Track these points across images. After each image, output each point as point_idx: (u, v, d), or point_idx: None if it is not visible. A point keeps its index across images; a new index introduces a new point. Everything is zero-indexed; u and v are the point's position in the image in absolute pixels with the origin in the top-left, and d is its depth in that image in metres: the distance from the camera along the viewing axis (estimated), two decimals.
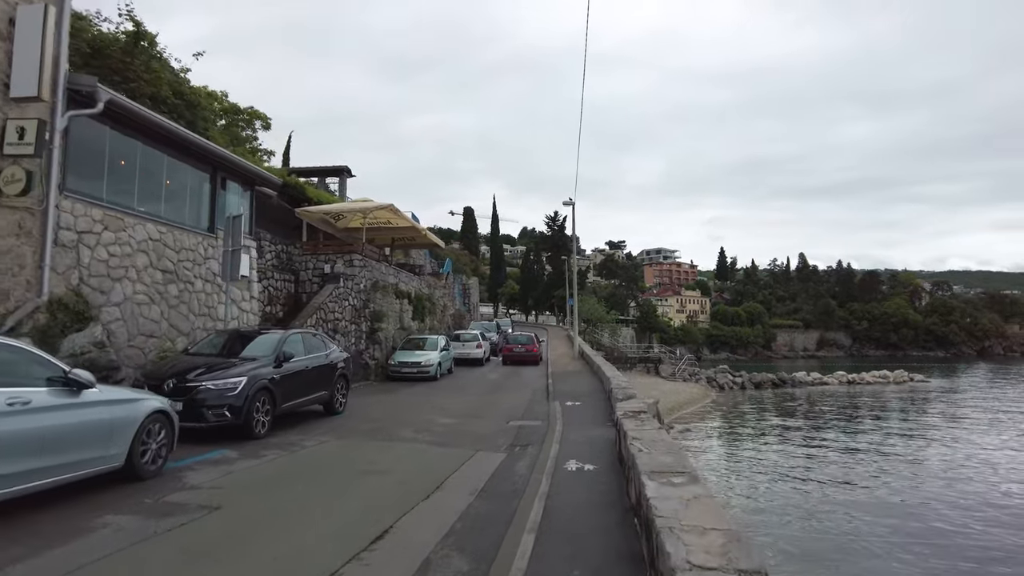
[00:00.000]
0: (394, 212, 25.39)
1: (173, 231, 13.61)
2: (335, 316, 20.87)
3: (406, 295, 28.31)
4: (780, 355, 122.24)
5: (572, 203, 31.70)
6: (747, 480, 20.03)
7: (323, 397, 12.85)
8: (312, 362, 12.30)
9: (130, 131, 12.26)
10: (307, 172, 39.45)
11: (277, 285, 20.73)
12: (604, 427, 11.69)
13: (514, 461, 9.08)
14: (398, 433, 11.30)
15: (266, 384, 10.54)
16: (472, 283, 59.99)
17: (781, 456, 24.24)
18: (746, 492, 18.34)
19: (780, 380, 56.62)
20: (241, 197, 16.50)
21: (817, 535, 14.65)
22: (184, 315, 13.81)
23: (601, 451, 9.36)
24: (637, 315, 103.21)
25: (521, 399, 17.14)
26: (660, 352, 59.30)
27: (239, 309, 15.79)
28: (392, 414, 13.85)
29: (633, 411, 8.83)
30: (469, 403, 16.29)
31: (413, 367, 22.24)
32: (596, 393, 17.22)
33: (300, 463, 8.67)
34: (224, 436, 9.91)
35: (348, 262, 22.75)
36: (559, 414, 13.59)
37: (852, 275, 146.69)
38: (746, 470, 21.56)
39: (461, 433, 11.48)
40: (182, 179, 14.22)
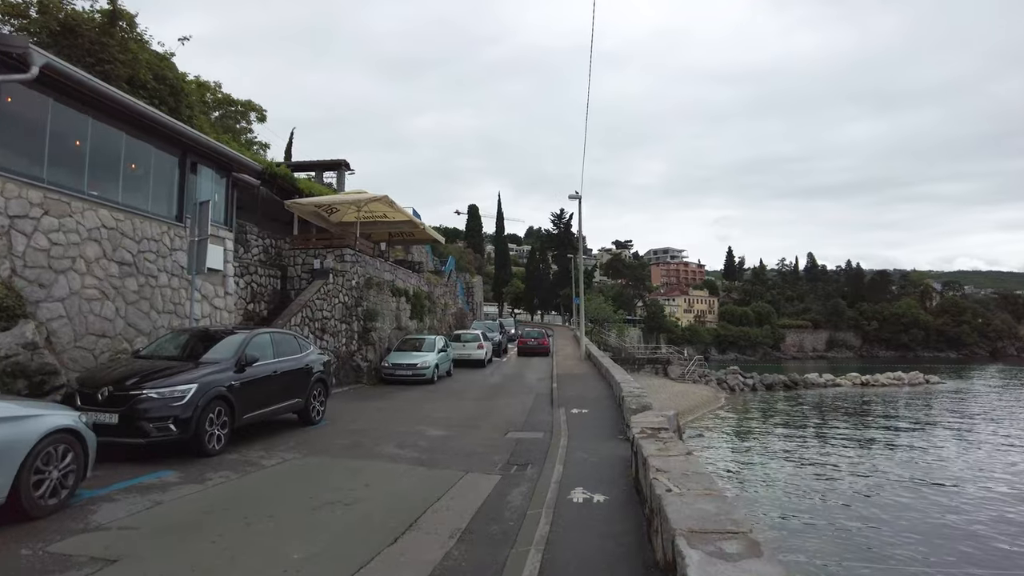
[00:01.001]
0: (389, 204, 23.92)
1: (133, 218, 12.17)
2: (323, 315, 19.41)
3: (403, 293, 26.84)
4: (789, 356, 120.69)
5: (579, 197, 30.16)
6: (774, 491, 18.48)
7: (296, 405, 11.38)
8: (282, 366, 10.83)
9: (78, 104, 10.81)
10: (303, 166, 38.07)
11: (261, 281, 19.29)
12: (615, 441, 10.19)
13: (509, 487, 7.58)
14: (378, 449, 9.82)
15: (223, 392, 9.07)
16: (476, 282, 58.48)
17: (806, 464, 22.66)
18: (775, 506, 16.78)
19: (792, 382, 55.03)
20: (216, 184, 15.05)
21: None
22: (145, 313, 12.36)
23: (613, 474, 7.86)
24: (644, 315, 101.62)
25: (522, 405, 15.65)
26: (669, 353, 57.66)
27: (211, 306, 14.35)
28: (377, 424, 12.37)
29: (651, 427, 7.32)
30: (465, 410, 14.81)
31: (408, 369, 20.77)
32: (604, 400, 15.72)
33: (249, 490, 7.19)
34: (173, 453, 8.47)
35: (339, 257, 21.30)
36: (564, 424, 12.09)
37: (862, 275, 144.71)
38: (771, 481, 19.97)
39: (451, 448, 9.99)
40: (144, 161, 12.77)
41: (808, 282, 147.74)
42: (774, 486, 19.08)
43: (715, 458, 22.82)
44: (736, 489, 18.05)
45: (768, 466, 22.23)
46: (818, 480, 20.03)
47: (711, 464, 20.97)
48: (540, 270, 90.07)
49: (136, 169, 12.63)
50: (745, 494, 17.83)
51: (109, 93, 10.96)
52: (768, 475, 20.73)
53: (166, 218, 13.21)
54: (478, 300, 58.36)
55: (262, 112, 39.21)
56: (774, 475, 20.70)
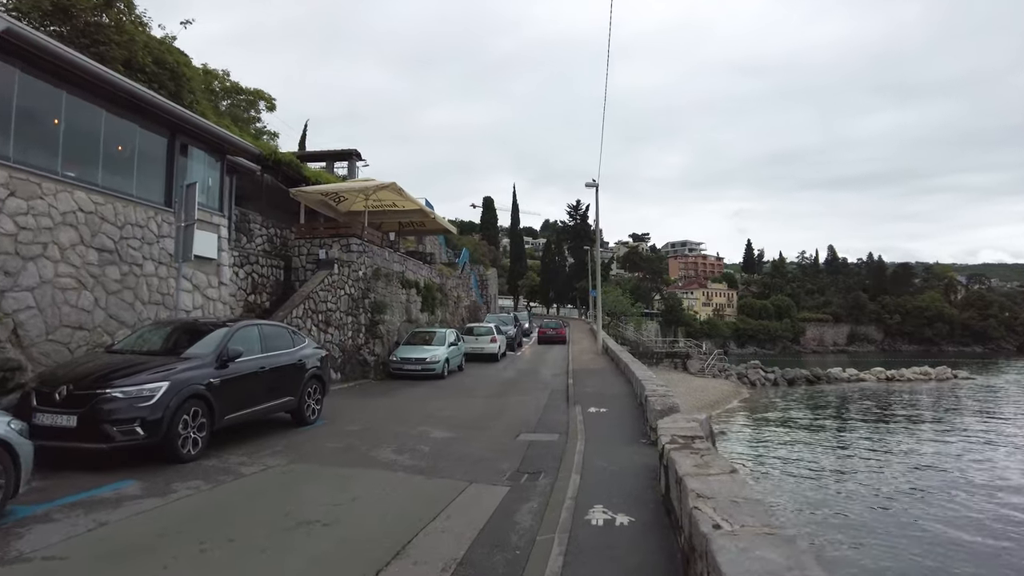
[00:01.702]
0: (398, 192, 22.96)
1: (115, 202, 11.28)
2: (328, 307, 18.49)
3: (414, 284, 25.91)
4: (809, 349, 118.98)
5: (596, 185, 29.02)
6: (812, 494, 17.28)
7: (288, 404, 10.44)
8: (271, 362, 9.88)
9: (50, 77, 9.91)
10: (314, 156, 37.24)
11: (263, 272, 18.42)
12: (637, 446, 9.14)
13: (518, 501, 6.58)
14: (374, 453, 8.85)
15: (200, 391, 8.14)
16: (490, 274, 57.46)
17: (840, 462, 21.44)
18: (824, 511, 15.57)
19: (815, 376, 53.66)
20: (210, 167, 14.15)
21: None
22: (128, 304, 11.48)
23: (638, 488, 6.82)
24: (662, 308, 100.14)
25: (536, 403, 14.64)
26: (688, 347, 56.39)
27: (204, 297, 13.46)
28: (378, 424, 11.41)
29: (684, 435, 6.27)
30: (475, 408, 13.83)
31: (416, 364, 19.83)
32: (624, 397, 14.66)
33: (217, 505, 6.24)
34: (143, 460, 7.57)
35: (345, 247, 20.38)
36: (580, 425, 11.06)
37: (884, 268, 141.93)
38: (806, 482, 18.77)
39: (455, 453, 8.99)
40: (128, 141, 11.87)
41: (829, 275, 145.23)
42: (817, 491, 17.85)
43: (743, 457, 21.65)
44: (782, 500, 16.85)
45: (802, 467, 20.96)
46: (867, 489, 18.22)
47: (739, 464, 19.80)
48: (556, 262, 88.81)
49: (118, 150, 11.74)
50: (785, 502, 16.67)
51: (81, 63, 10.05)
52: (805, 477, 19.44)
53: (153, 202, 12.31)
54: (492, 293, 57.33)
55: (271, 101, 38.31)
56: (811, 477, 19.44)
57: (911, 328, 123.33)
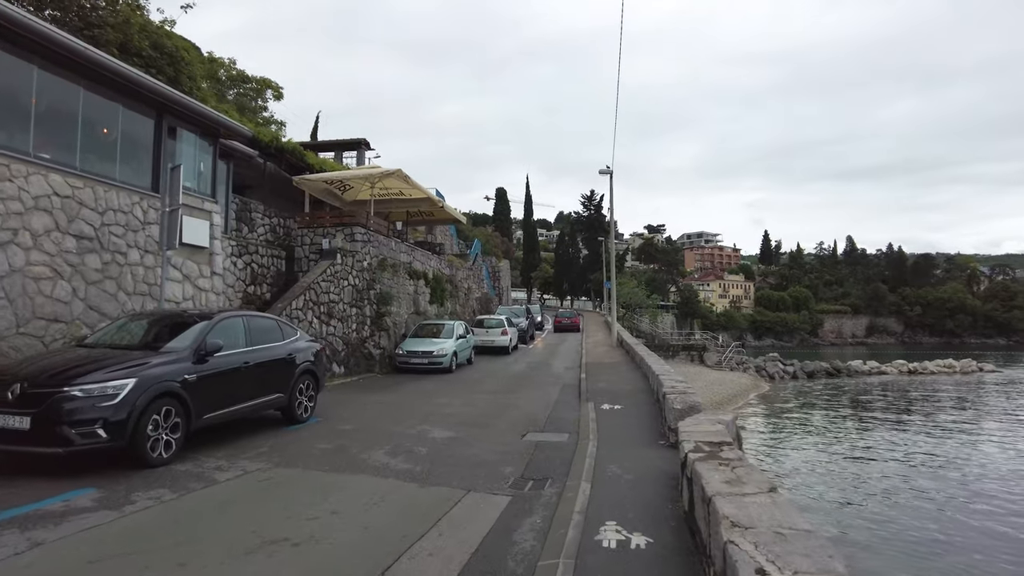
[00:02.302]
0: (404, 180, 22.18)
1: (94, 186, 10.58)
2: (330, 298, 17.78)
3: (422, 276, 25.16)
4: (827, 342, 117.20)
5: (610, 172, 28.07)
6: (848, 494, 16.32)
7: (277, 401, 9.70)
8: (257, 356, 9.14)
9: (17, 49, 9.20)
10: (322, 146, 36.57)
11: (264, 262, 17.72)
12: (655, 448, 8.32)
13: (520, 515, 5.79)
14: (366, 456, 8.08)
15: (174, 388, 7.41)
16: (503, 266, 56.60)
17: (870, 459, 20.40)
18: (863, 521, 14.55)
19: (835, 369, 52.35)
20: (201, 151, 13.43)
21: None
22: (111, 295, 10.80)
23: (656, 500, 6.01)
24: (677, 300, 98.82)
25: (546, 399, 13.84)
26: (704, 339, 55.31)
27: (194, 287, 12.77)
28: (375, 422, 10.66)
29: (709, 442, 5.44)
30: (481, 404, 13.05)
31: (423, 357, 19.10)
32: (640, 393, 13.82)
33: (177, 520, 5.49)
34: (110, 464, 6.88)
35: (349, 236, 19.64)
36: (593, 424, 10.25)
37: (904, 259, 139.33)
38: (836, 478, 17.79)
39: (455, 456, 8.21)
40: (110, 122, 11.17)
41: (847, 266, 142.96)
42: (851, 492, 16.88)
43: (766, 457, 20.70)
44: (796, 492, 15.91)
45: (833, 466, 19.91)
46: (918, 494, 16.88)
47: (761, 463, 18.85)
48: (570, 254, 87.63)
49: (99, 131, 11.04)
50: (818, 502, 15.72)
51: (47, 33, 9.32)
52: (837, 477, 18.40)
53: (138, 187, 11.61)
54: (505, 285, 56.50)
55: (278, 90, 37.66)
56: (845, 478, 18.42)
57: (932, 320, 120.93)
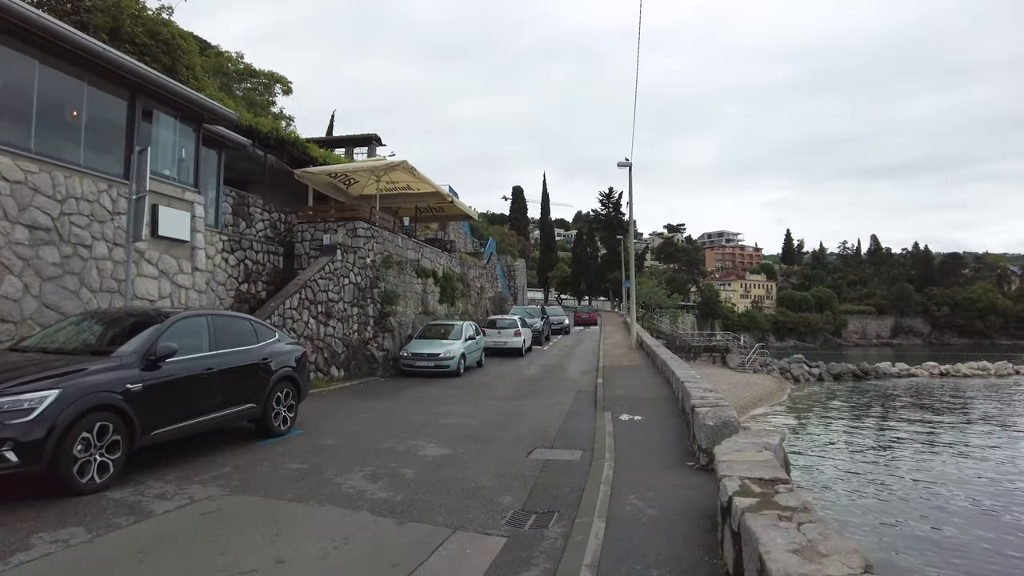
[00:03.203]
0: (411, 172, 21.02)
1: (52, 171, 9.50)
2: (328, 296, 16.66)
3: (431, 274, 24.01)
4: (851, 343, 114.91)
5: (629, 164, 26.76)
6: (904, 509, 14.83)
7: (249, 412, 8.53)
8: (224, 361, 7.98)
9: None
10: (333, 142, 35.67)
11: (259, 258, 16.65)
12: (682, 472, 7.03)
13: (514, 569, 4.55)
14: (340, 480, 6.88)
15: (112, 400, 6.27)
16: (518, 265, 55.34)
17: (913, 469, 18.82)
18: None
19: (862, 372, 50.48)
20: (182, 136, 12.34)
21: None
22: (72, 292, 9.71)
23: (686, 548, 4.73)
24: (698, 300, 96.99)
25: (559, 407, 12.59)
26: (727, 340, 53.68)
27: (173, 284, 11.66)
28: (362, 435, 9.47)
29: (759, 478, 4.15)
30: (486, 413, 11.83)
31: (429, 360, 17.94)
32: (663, 401, 12.50)
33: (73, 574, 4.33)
34: (33, 491, 5.75)
35: (351, 231, 18.52)
36: (609, 439, 8.98)
37: (930, 258, 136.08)
38: (880, 491, 16.31)
39: (446, 480, 6.98)
40: (73, 101, 10.08)
41: (871, 266, 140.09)
42: (899, 508, 15.37)
43: (800, 463, 19.18)
44: (842, 512, 14.41)
45: (873, 477, 18.28)
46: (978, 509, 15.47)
47: (801, 474, 17.29)
48: (587, 253, 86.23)
49: (60, 110, 9.97)
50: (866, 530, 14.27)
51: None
52: (881, 490, 16.73)
53: (107, 174, 10.52)
54: (520, 284, 55.23)
55: (287, 84, 36.85)
56: (891, 491, 16.79)
57: (961, 320, 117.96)
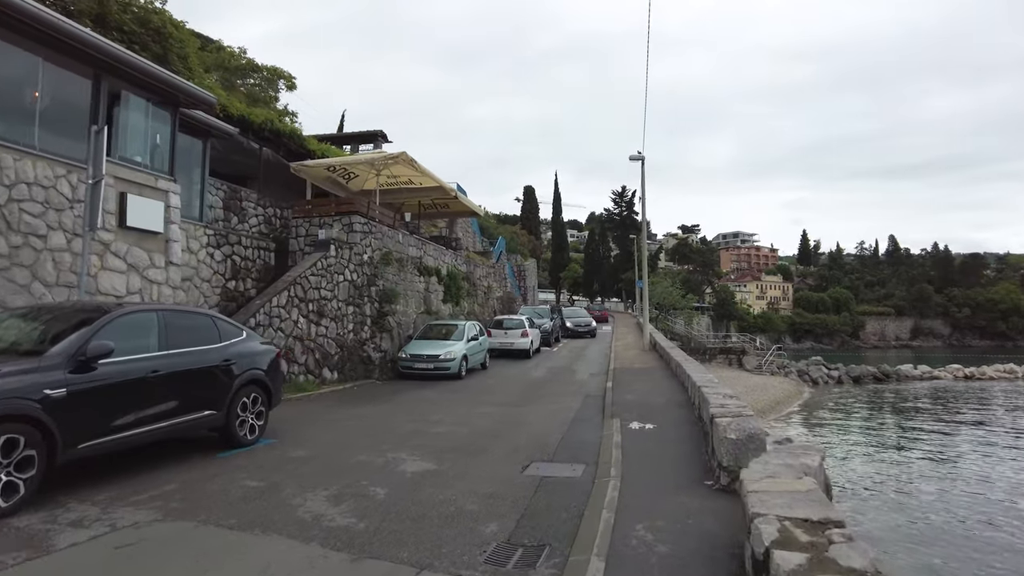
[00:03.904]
0: (411, 165, 20.06)
1: (1, 154, 8.60)
2: (321, 294, 15.73)
3: (434, 272, 23.04)
4: (869, 344, 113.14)
5: (642, 158, 25.68)
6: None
7: (208, 420, 7.55)
8: (175, 363, 7.01)
9: None
10: (337, 139, 34.80)
11: (248, 254, 15.72)
12: (700, 492, 5.97)
13: None
14: (298, 502, 5.88)
15: (24, 409, 5.32)
16: (529, 265, 54.27)
17: (946, 475, 17.58)
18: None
19: (883, 374, 49.01)
20: (155, 120, 11.44)
21: None
22: (22, 286, 8.82)
23: None
24: (713, 302, 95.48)
25: (563, 414, 11.55)
26: (743, 342, 52.38)
27: (143, 279, 10.75)
28: (339, 445, 8.48)
29: (804, 519, 3.10)
30: (483, 420, 10.82)
31: (428, 362, 16.96)
32: (677, 407, 11.42)
33: None
34: None
35: (347, 226, 17.58)
36: (617, 451, 7.94)
37: (950, 258, 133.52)
38: (911, 501, 15.13)
39: (422, 502, 5.96)
40: (27, 78, 9.19)
41: (890, 266, 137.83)
42: (933, 519, 14.19)
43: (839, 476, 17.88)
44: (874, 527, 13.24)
45: (902, 485, 17.13)
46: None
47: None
48: (600, 253, 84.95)
49: (9, 87, 9.08)
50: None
51: None
52: (912, 500, 15.62)
53: (66, 158, 9.63)
54: (531, 284, 54.16)
55: (291, 79, 36.05)
56: (920, 500, 15.66)
57: (983, 322, 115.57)
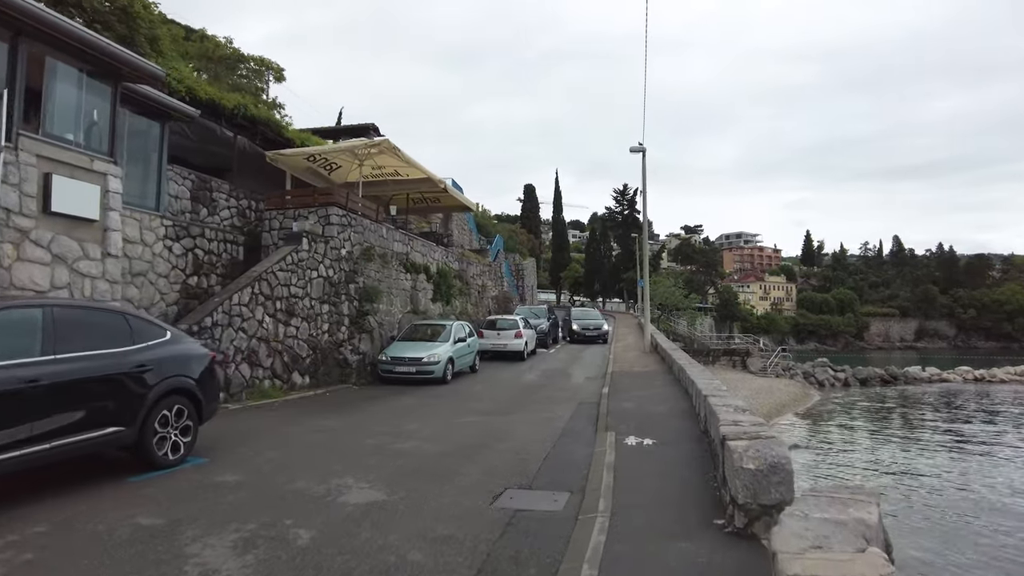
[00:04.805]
0: (394, 153, 18.73)
1: None
2: (291, 291, 14.43)
3: (423, 269, 21.74)
4: (874, 346, 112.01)
5: (642, 149, 24.37)
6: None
7: (118, 439, 6.24)
8: (63, 371, 5.68)
9: None
10: (326, 133, 33.50)
11: (213, 248, 14.42)
12: (709, 538, 4.65)
13: None
14: (192, 550, 4.57)
15: None
16: (527, 264, 52.90)
17: (972, 485, 16.27)
18: None
19: (891, 376, 47.71)
20: (90, 93, 10.12)
21: None
22: None
23: None
24: (716, 302, 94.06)
25: (552, 424, 10.24)
26: (748, 343, 51.04)
27: (72, 272, 9.43)
28: (279, 467, 7.16)
29: None
30: (459, 434, 9.51)
31: (411, 365, 15.68)
32: (680, 418, 10.09)
33: None
34: None
35: (323, 218, 16.30)
36: (608, 476, 6.63)
37: (955, 259, 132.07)
38: (942, 514, 13.79)
39: (352, 549, 4.65)
40: None
41: (894, 267, 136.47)
42: (967, 535, 12.86)
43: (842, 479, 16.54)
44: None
45: (928, 492, 15.79)
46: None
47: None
48: (601, 252, 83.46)
49: None
50: None
51: None
52: (945, 512, 14.26)
53: None
54: (529, 284, 52.80)
55: (280, 71, 34.82)
56: (951, 509, 14.31)
57: (988, 323, 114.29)
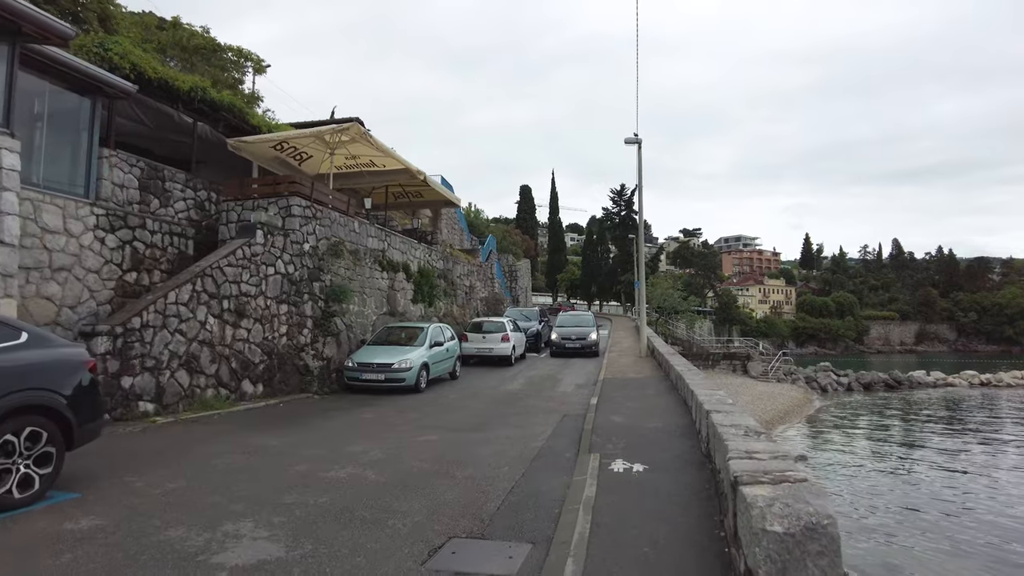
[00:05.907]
0: (365, 139, 17.14)
1: None
2: (241, 289, 12.86)
3: (402, 268, 20.17)
4: (874, 349, 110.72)
5: (638, 141, 22.86)
6: None
7: None
8: None
9: None
10: (304, 126, 31.99)
11: (155, 241, 12.84)
12: None
13: None
14: None
15: None
16: (521, 265, 51.32)
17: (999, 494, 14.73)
18: None
19: (895, 381, 46.24)
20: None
21: None
22: None
23: None
24: (715, 306, 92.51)
25: (528, 444, 8.66)
26: (748, 347, 49.49)
27: None
28: (160, 509, 5.57)
29: None
30: (414, 455, 7.93)
31: (379, 372, 14.11)
32: (676, 437, 8.51)
33: None
34: None
35: (284, 209, 14.74)
36: (585, 519, 5.07)
37: (955, 263, 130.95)
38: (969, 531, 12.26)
39: None
40: None
41: (894, 271, 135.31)
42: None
43: (850, 493, 15.02)
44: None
45: (951, 502, 14.29)
46: None
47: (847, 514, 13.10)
48: (598, 254, 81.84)
49: None
50: None
51: None
52: (975, 526, 12.78)
53: None
54: (523, 286, 51.19)
55: (260, 63, 33.21)
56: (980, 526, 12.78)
57: (989, 327, 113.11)
